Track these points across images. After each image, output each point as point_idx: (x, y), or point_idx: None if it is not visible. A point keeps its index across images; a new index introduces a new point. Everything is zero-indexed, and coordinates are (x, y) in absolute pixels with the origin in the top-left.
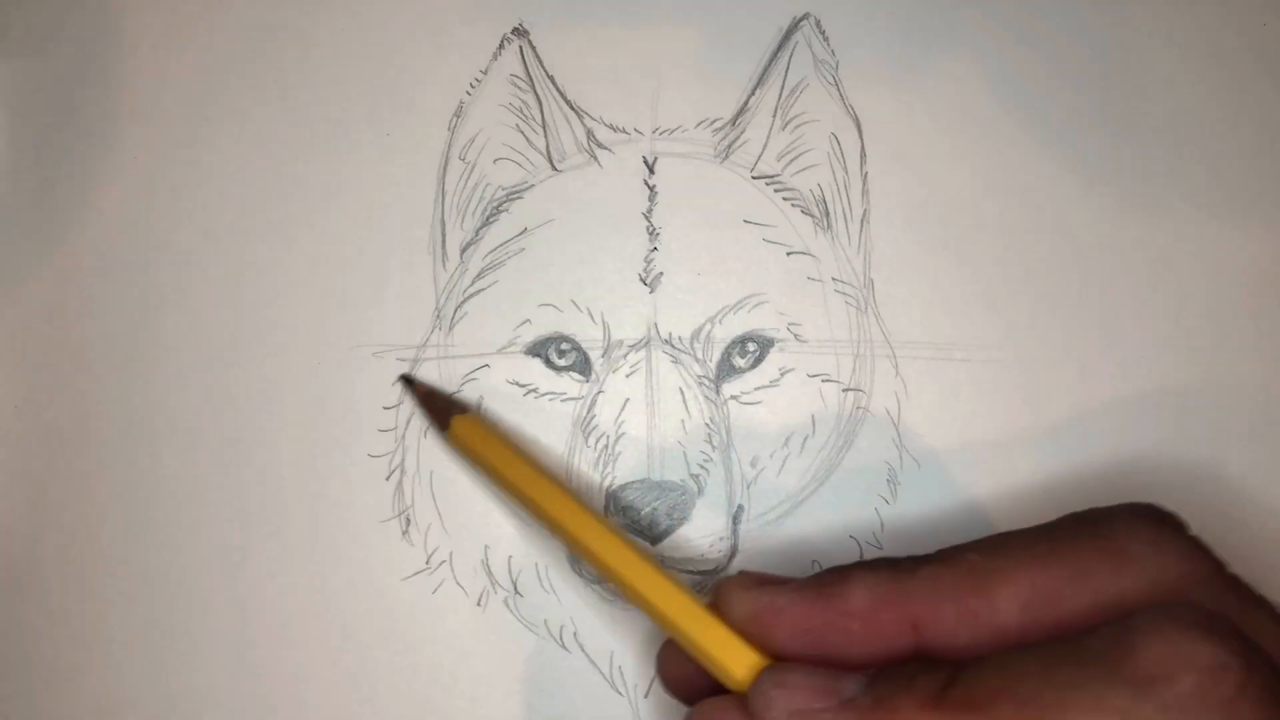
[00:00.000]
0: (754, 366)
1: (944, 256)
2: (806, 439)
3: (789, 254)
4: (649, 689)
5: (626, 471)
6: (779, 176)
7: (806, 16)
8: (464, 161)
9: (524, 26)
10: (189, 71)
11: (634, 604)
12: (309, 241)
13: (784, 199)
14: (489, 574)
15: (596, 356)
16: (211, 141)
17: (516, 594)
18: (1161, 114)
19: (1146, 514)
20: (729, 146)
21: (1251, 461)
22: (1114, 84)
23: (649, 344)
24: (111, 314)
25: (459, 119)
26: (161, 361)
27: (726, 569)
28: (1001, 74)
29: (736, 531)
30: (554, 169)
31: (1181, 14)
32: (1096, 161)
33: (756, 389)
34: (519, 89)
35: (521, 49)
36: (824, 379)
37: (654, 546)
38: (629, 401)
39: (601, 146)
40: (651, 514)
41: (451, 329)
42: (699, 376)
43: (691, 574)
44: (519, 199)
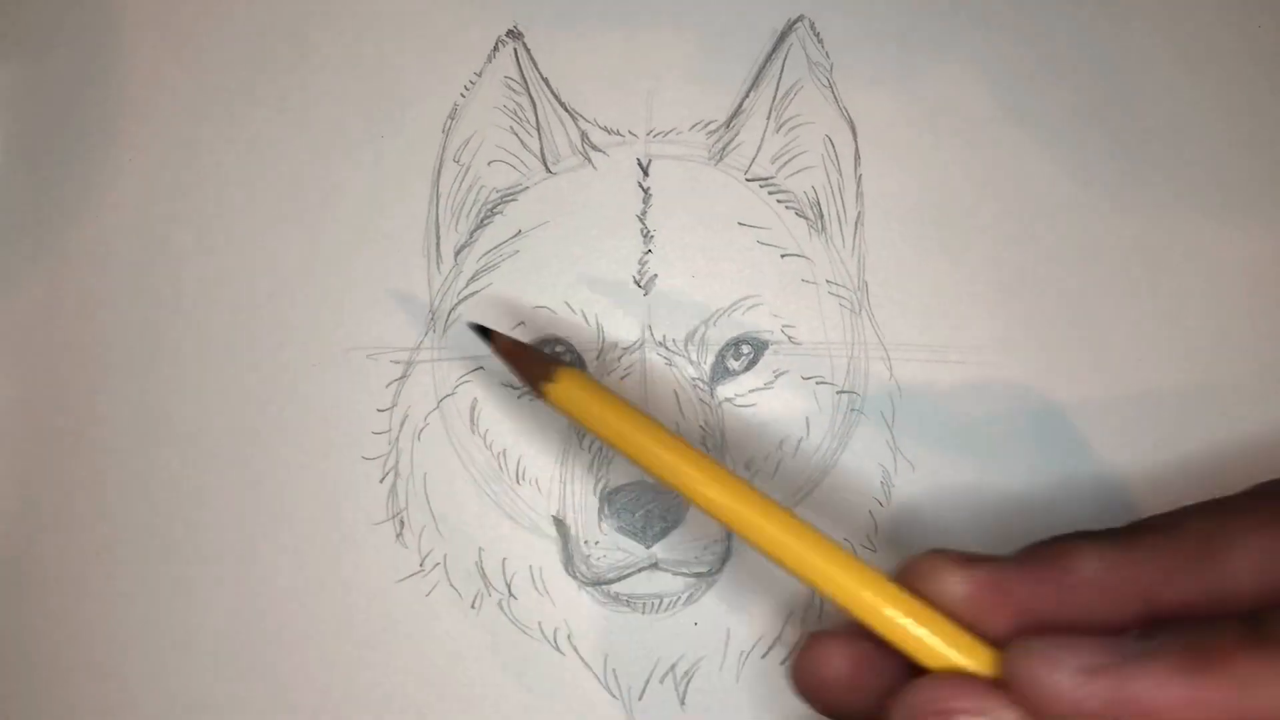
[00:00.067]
0: (748, 369)
1: (938, 259)
2: (800, 441)
3: (783, 256)
4: (643, 692)
5: (621, 474)
6: (773, 179)
7: (801, 19)
8: (458, 164)
9: (518, 29)
10: (187, 73)
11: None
12: (304, 243)
13: (778, 201)
14: (483, 576)
15: (591, 359)
16: (208, 144)
17: (510, 596)
18: (1157, 115)
19: None
20: (723, 149)
21: (1250, 462)
22: (1109, 86)
23: (643, 346)
24: (108, 315)
25: (453, 121)
26: (158, 363)
27: (721, 572)
28: (996, 76)
29: (731, 534)
30: (548, 171)
31: (1176, 16)
32: (1092, 163)
33: (751, 391)
34: (513, 91)
35: (516, 51)
36: (818, 381)
37: (648, 550)
38: None
39: (596, 149)
40: (645, 516)
41: (446, 331)
42: (693, 379)
43: (686, 576)
44: (513, 201)
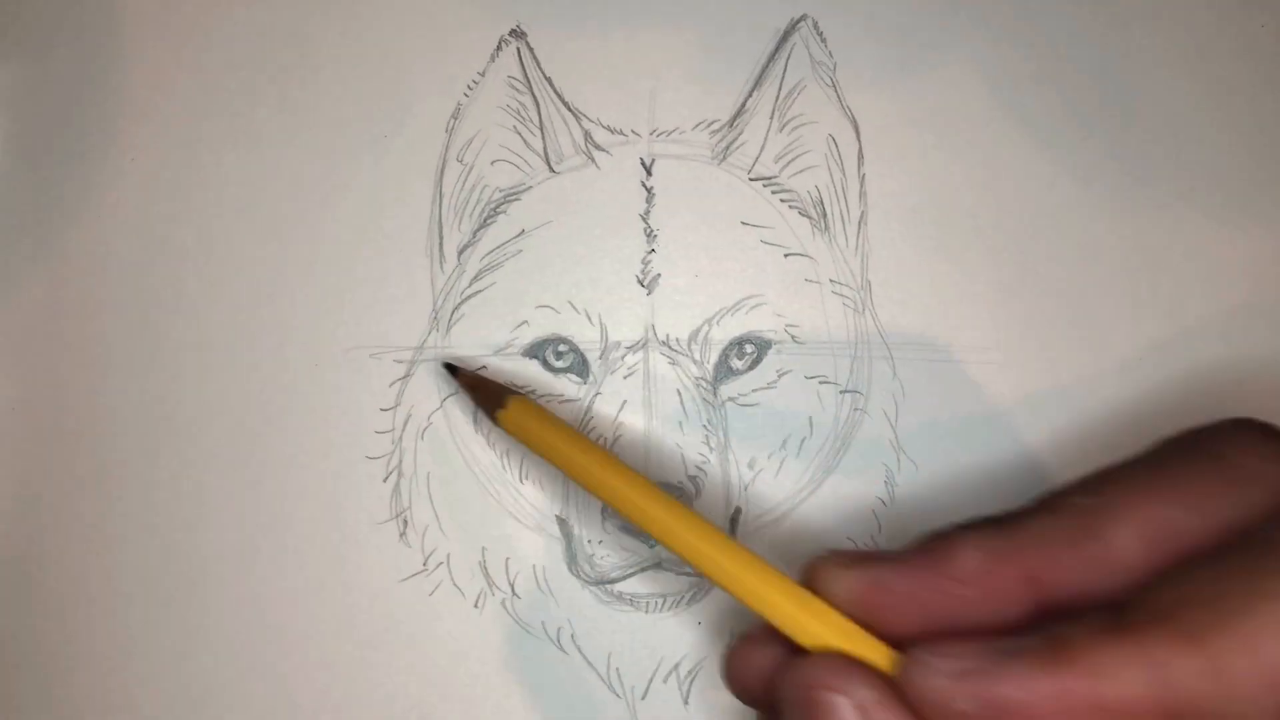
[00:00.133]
0: (751, 368)
1: (941, 258)
2: (804, 441)
3: (786, 255)
4: (646, 691)
5: None
6: (776, 178)
7: (804, 18)
8: (461, 163)
9: (522, 28)
10: (188, 73)
11: (726, 589)
12: (307, 243)
13: (781, 200)
14: (486, 575)
15: (594, 358)
16: (210, 144)
17: (514, 595)
18: (1159, 115)
19: (1253, 427)
20: (726, 148)
21: None
22: (1111, 85)
23: (646, 345)
24: (110, 315)
25: (457, 121)
26: (159, 363)
27: None
28: (999, 75)
29: (734, 534)
30: (551, 171)
31: (1178, 16)
32: (1094, 163)
33: (754, 390)
34: (517, 91)
35: (519, 51)
36: (821, 380)
37: (651, 550)
38: (626, 403)
39: (599, 148)
40: None
41: (449, 331)
42: (696, 378)
43: (689, 576)
44: (516, 201)
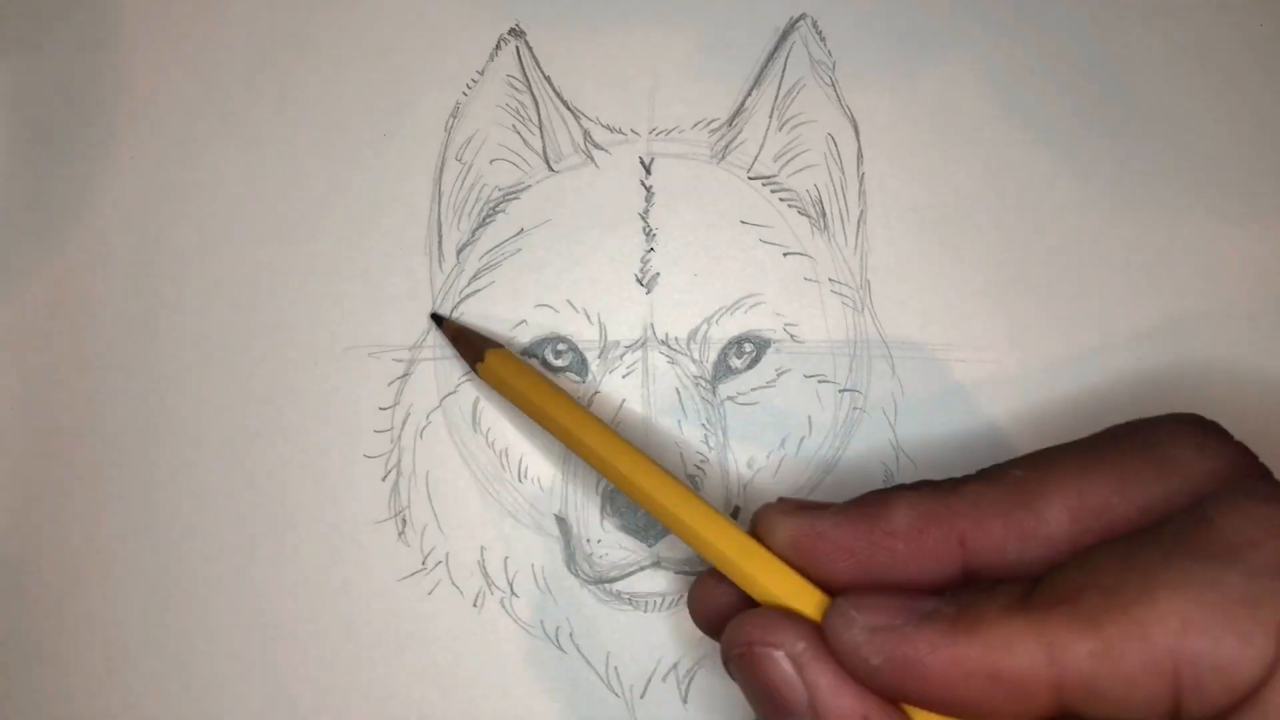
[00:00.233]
0: (750, 367)
1: (941, 257)
2: (803, 440)
3: (785, 255)
4: (644, 690)
5: None
6: (776, 177)
7: (803, 17)
8: (460, 162)
9: (520, 27)
10: (187, 72)
11: (676, 534)
12: (305, 242)
13: (781, 200)
14: (485, 574)
15: (593, 357)
16: (208, 142)
17: (512, 595)
18: (1158, 114)
19: (1189, 421)
20: (726, 147)
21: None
22: (1111, 84)
23: (645, 344)
24: (108, 314)
25: (455, 119)
26: (158, 362)
27: None
28: (998, 74)
29: None
30: (550, 170)
31: (1177, 15)
32: (1094, 161)
33: (753, 390)
34: (516, 90)
35: (518, 49)
36: (820, 380)
37: (650, 549)
38: (625, 402)
39: (598, 147)
40: (648, 515)
41: None
42: (695, 377)
43: (688, 575)
44: (515, 200)
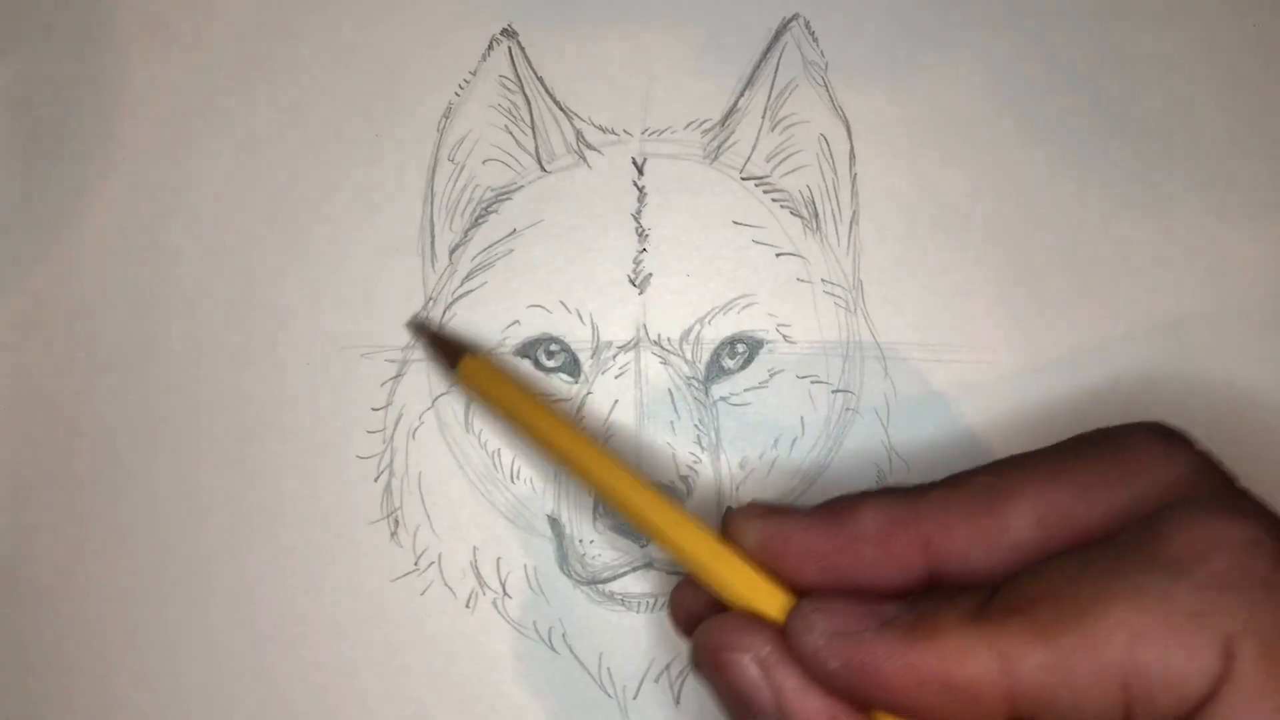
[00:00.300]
0: (743, 368)
1: (934, 258)
2: (795, 440)
3: (778, 255)
4: (637, 690)
5: None
6: (768, 178)
7: (796, 17)
8: (453, 162)
9: (513, 28)
10: (181, 72)
11: (650, 538)
12: (298, 242)
13: (773, 200)
14: (478, 575)
15: (585, 358)
16: (202, 143)
17: (505, 595)
18: (1154, 114)
19: (1155, 429)
20: (718, 148)
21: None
22: (1106, 84)
23: (638, 345)
24: (102, 315)
25: (448, 120)
26: (151, 362)
27: None
28: (992, 74)
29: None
30: (543, 170)
31: (1176, 16)
32: (1088, 162)
33: (745, 390)
34: (508, 90)
35: (510, 50)
36: (813, 380)
37: (642, 549)
38: (618, 403)
39: (590, 148)
40: None
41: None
42: (688, 378)
43: (680, 576)
44: (508, 200)
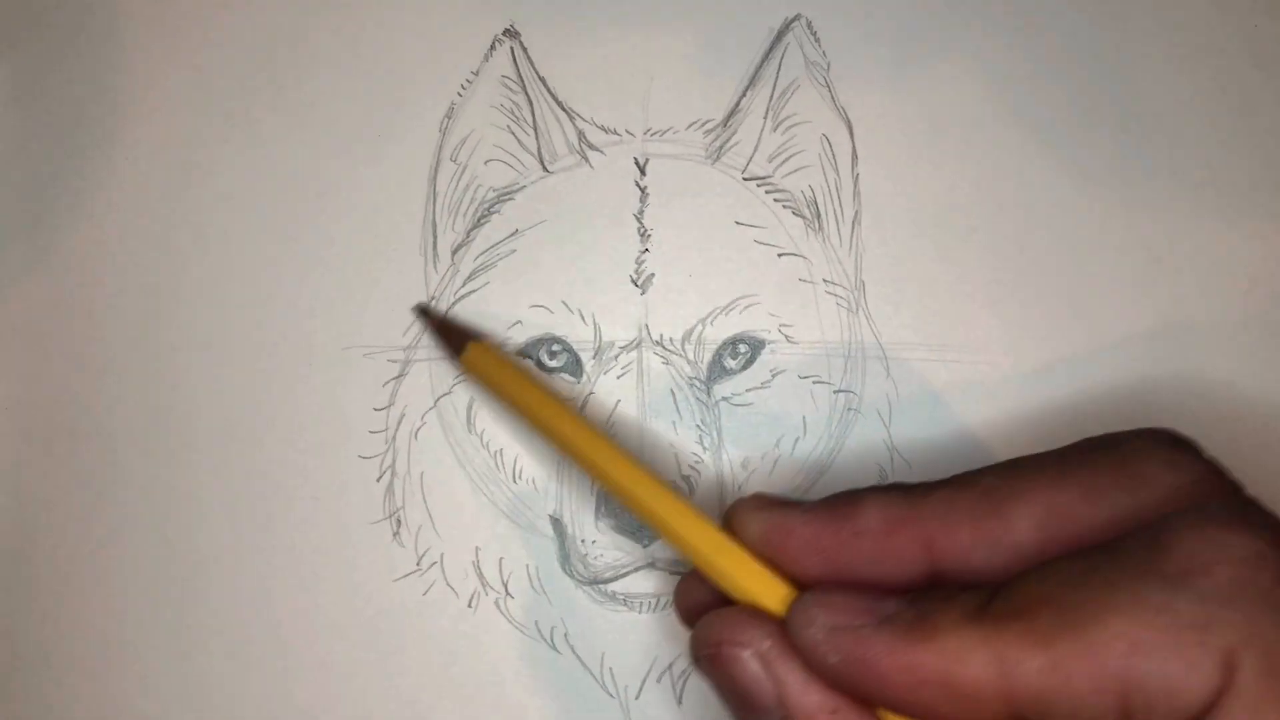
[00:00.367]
0: (745, 368)
1: (936, 258)
2: (797, 440)
3: (780, 255)
4: (639, 690)
5: None
6: (770, 178)
7: (798, 18)
8: (455, 163)
9: (515, 28)
10: (185, 72)
11: (650, 527)
12: (301, 242)
13: (775, 200)
14: (480, 575)
15: (587, 358)
16: (205, 143)
17: (507, 595)
18: (1155, 115)
19: (1162, 436)
20: (720, 148)
21: (1250, 460)
22: (1107, 85)
23: (640, 345)
24: (104, 313)
25: (450, 120)
26: (154, 362)
27: None
28: (994, 75)
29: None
30: (545, 170)
31: (1175, 16)
32: (1090, 162)
33: (748, 390)
34: (510, 90)
35: (513, 50)
36: (815, 380)
37: (644, 549)
38: (620, 403)
39: (593, 148)
40: None
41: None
42: (690, 378)
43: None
44: (510, 200)
